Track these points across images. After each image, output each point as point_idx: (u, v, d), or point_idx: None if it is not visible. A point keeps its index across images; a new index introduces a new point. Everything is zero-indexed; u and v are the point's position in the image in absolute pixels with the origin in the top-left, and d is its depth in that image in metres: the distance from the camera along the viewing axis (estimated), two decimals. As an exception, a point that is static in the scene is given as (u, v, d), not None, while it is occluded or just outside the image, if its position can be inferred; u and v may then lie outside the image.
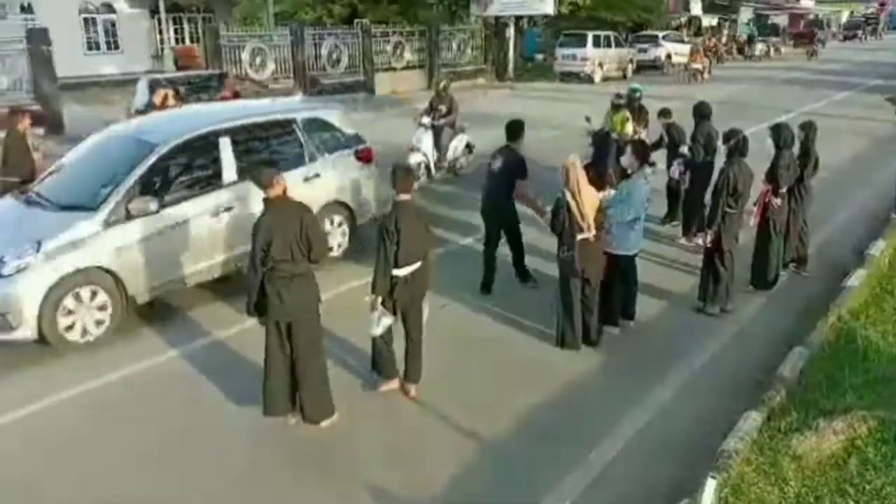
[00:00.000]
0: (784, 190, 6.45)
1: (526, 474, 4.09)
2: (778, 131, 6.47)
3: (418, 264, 4.61)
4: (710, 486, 3.28)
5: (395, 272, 4.53)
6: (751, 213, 6.55)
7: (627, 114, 8.90)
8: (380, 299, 4.55)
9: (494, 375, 5.20)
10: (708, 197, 6.50)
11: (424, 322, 4.82)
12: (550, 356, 5.46)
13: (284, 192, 4.29)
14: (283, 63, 18.92)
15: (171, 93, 9.66)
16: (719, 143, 6.81)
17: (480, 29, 25.75)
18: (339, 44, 20.42)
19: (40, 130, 7.83)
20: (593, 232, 5.25)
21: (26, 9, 24.32)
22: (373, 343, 4.82)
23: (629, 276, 5.78)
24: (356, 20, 22.18)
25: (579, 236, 5.24)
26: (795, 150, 6.64)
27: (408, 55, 22.70)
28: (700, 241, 6.49)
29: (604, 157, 7.63)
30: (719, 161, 6.53)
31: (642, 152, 5.71)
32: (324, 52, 19.91)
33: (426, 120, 10.55)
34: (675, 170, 7.85)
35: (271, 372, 4.36)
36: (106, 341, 5.57)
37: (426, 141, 10.46)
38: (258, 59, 18.17)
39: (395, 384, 4.90)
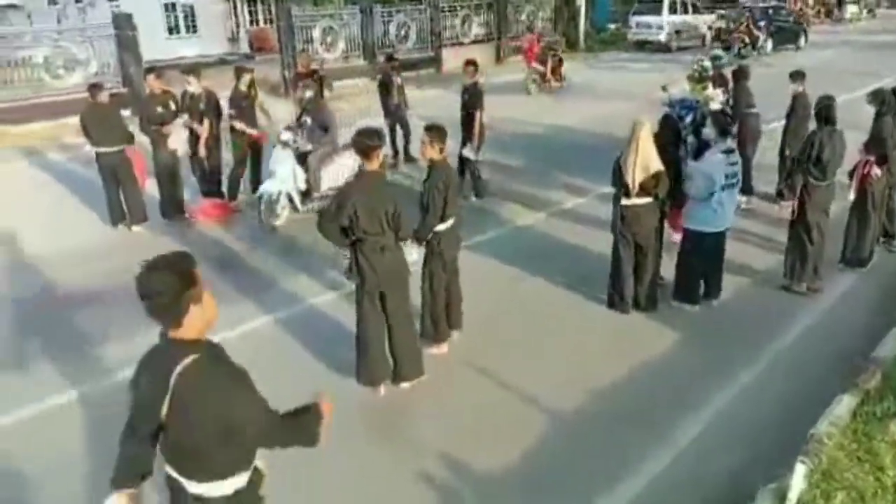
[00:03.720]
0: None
1: (603, 453, 4.03)
2: (879, 97, 6.02)
3: (454, 219, 4.85)
4: (800, 470, 3.15)
5: (439, 227, 4.77)
6: (845, 185, 6.15)
7: (709, 83, 8.51)
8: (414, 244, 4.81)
9: (569, 349, 5.13)
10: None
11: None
12: (626, 333, 5.35)
13: (382, 166, 4.36)
14: (352, 41, 19.05)
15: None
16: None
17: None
18: (407, 20, 20.37)
19: (127, 112, 8.18)
20: (637, 200, 5.22)
21: (112, -4, 25.51)
22: (425, 309, 5.00)
23: (703, 254, 5.54)
24: (424, -6, 22.01)
25: (623, 200, 5.26)
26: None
27: (476, 29, 22.42)
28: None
29: (670, 133, 7.46)
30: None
31: (722, 124, 5.45)
32: (392, 28, 19.92)
33: (286, 136, 7.80)
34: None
35: (369, 342, 4.49)
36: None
37: (285, 163, 7.71)
38: (329, 38, 18.35)
39: (445, 347, 5.10)
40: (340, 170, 7.80)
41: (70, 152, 11.48)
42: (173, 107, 7.94)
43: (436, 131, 4.81)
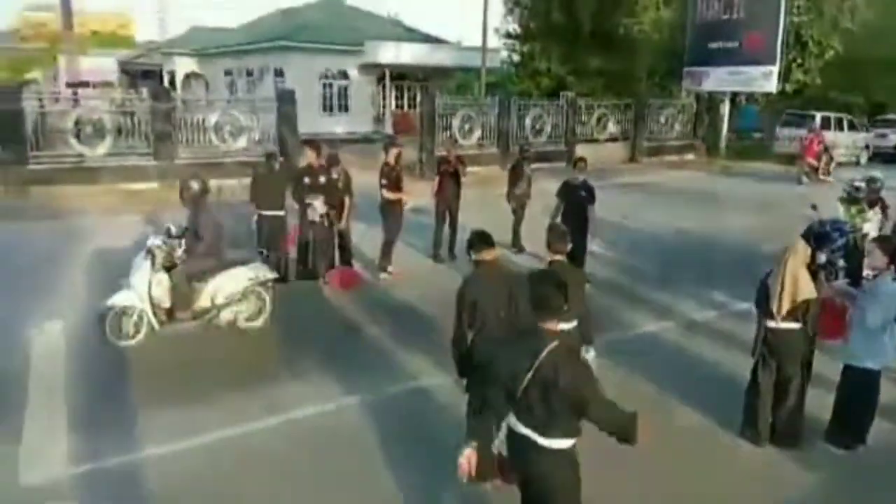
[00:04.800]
0: None
1: None
2: None
3: (575, 322, 4.66)
4: None
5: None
6: None
7: (865, 206, 7.95)
8: None
9: (688, 477, 4.69)
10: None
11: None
12: (757, 469, 4.85)
13: (495, 258, 4.41)
14: (489, 130, 19.81)
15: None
16: None
17: (691, 104, 24.92)
18: (543, 114, 20.95)
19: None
20: (782, 324, 4.86)
21: (278, 73, 28.48)
22: None
23: (862, 393, 5.00)
24: (562, 92, 22.61)
25: (767, 322, 4.94)
26: None
27: (611, 127, 22.62)
28: None
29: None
30: None
31: (891, 251, 5.02)
32: (528, 121, 20.53)
33: (152, 241, 6.65)
34: None
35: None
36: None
37: (142, 275, 6.47)
38: (466, 126, 19.21)
39: None
40: (222, 286, 6.75)
41: (225, 210, 12.57)
42: (322, 180, 8.53)
43: (558, 233, 4.85)
